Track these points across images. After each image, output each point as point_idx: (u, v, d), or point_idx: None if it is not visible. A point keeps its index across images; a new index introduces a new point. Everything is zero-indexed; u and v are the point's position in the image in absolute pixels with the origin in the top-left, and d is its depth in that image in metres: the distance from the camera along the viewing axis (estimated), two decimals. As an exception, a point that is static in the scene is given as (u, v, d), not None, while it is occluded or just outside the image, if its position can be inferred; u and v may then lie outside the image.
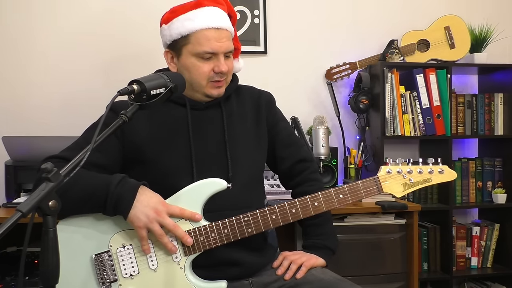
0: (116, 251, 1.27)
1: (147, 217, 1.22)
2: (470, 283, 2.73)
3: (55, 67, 2.51)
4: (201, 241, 1.27)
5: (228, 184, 1.30)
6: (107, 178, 1.26)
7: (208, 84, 1.40)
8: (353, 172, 2.55)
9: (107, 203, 1.23)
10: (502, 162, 2.70)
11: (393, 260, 2.13)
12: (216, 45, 1.37)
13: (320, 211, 1.33)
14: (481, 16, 2.78)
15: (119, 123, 1.10)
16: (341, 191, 1.33)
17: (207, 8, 1.40)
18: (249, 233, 1.30)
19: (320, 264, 1.43)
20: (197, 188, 1.30)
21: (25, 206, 0.87)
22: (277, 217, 1.31)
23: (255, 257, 1.40)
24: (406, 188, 1.34)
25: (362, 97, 2.54)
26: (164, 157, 1.37)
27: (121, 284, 1.26)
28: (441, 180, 1.36)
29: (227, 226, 1.29)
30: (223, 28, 1.39)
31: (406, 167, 1.35)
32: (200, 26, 1.36)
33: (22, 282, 0.97)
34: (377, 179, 1.34)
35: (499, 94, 2.68)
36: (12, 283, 1.95)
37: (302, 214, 1.32)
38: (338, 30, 2.74)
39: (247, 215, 1.30)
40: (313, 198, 1.32)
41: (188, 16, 1.39)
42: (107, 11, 2.55)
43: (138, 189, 1.24)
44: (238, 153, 1.42)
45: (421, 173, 1.35)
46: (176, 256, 1.27)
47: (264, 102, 1.52)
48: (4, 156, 2.17)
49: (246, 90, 1.54)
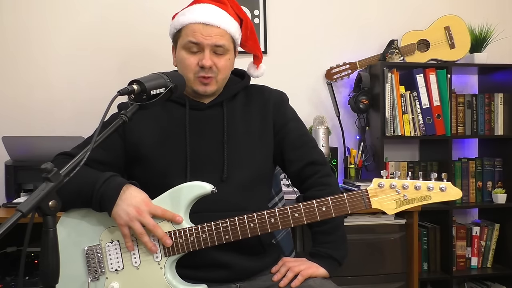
0: (105, 245, 1.30)
1: (128, 215, 1.23)
2: (470, 283, 2.73)
3: (55, 67, 2.51)
4: (180, 243, 1.27)
5: (213, 189, 1.28)
6: (95, 176, 1.28)
7: (195, 79, 1.40)
8: (353, 172, 2.55)
9: (92, 200, 1.26)
10: (502, 162, 2.70)
11: (393, 260, 2.13)
12: (200, 37, 1.38)
13: (301, 223, 1.27)
14: (481, 16, 2.78)
15: (119, 123, 1.11)
16: (324, 204, 1.25)
17: (201, 5, 1.43)
18: (226, 239, 1.27)
19: (321, 274, 1.36)
20: (182, 190, 1.30)
21: (25, 206, 0.88)
22: (255, 225, 1.27)
23: (247, 261, 1.38)
24: (399, 205, 1.22)
25: (362, 97, 2.54)
26: (160, 157, 1.38)
27: (107, 278, 1.29)
28: (442, 199, 1.22)
29: (205, 230, 1.27)
30: (213, 25, 1.38)
31: (401, 182, 1.22)
32: (189, 20, 1.40)
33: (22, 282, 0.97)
34: (365, 193, 1.24)
35: (499, 94, 2.68)
36: (12, 283, 1.95)
37: (281, 225, 1.27)
38: (338, 30, 2.74)
39: (225, 221, 1.27)
40: (293, 209, 1.27)
41: (183, 12, 1.44)
42: (108, 12, 2.55)
43: (122, 188, 1.26)
44: (237, 155, 1.41)
45: (419, 189, 1.21)
46: (157, 256, 1.28)
47: (272, 103, 1.49)
48: (4, 156, 2.18)
49: (257, 90, 1.52)
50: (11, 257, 2.08)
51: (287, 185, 2.21)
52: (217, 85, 1.43)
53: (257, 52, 1.56)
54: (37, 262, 2.03)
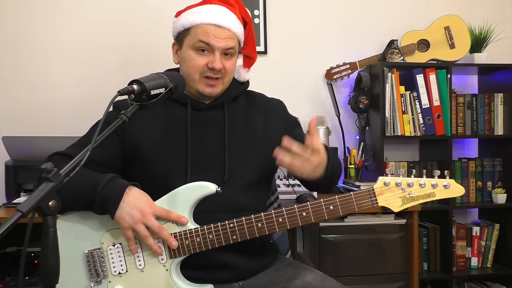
0: (107, 248, 1.28)
1: (132, 218, 1.22)
2: (470, 283, 2.73)
3: (56, 68, 2.51)
4: (186, 245, 1.26)
5: (218, 188, 1.27)
6: (96, 178, 1.26)
7: (200, 79, 1.39)
8: (353, 172, 2.55)
9: (94, 203, 1.24)
10: (502, 162, 2.70)
11: (393, 260, 2.13)
12: (212, 39, 1.37)
13: (309, 222, 1.27)
14: (481, 16, 2.78)
15: (119, 123, 1.10)
16: (331, 202, 1.26)
17: (213, 6, 1.42)
18: (234, 240, 1.26)
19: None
20: (186, 190, 1.29)
21: (25, 206, 0.87)
22: (262, 225, 1.26)
23: (249, 261, 1.38)
24: (405, 203, 1.24)
25: (362, 97, 2.54)
26: (160, 158, 1.37)
27: (110, 281, 1.28)
28: (445, 196, 1.25)
29: (212, 231, 1.26)
30: (225, 27, 1.38)
31: (406, 180, 1.24)
32: (200, 20, 1.38)
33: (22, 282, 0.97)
34: (372, 191, 1.25)
35: (499, 94, 2.68)
36: (12, 283, 1.95)
37: (289, 224, 1.27)
38: (338, 30, 2.74)
39: (232, 221, 1.27)
40: (301, 208, 1.26)
41: (192, 11, 1.42)
42: (110, 13, 2.55)
43: (125, 190, 1.24)
44: (239, 156, 1.41)
45: (423, 187, 1.24)
46: (162, 258, 1.27)
47: (276, 107, 1.52)
48: (4, 156, 2.18)
49: (258, 96, 1.54)
50: (11, 257, 2.08)
51: (286, 185, 2.21)
52: (223, 86, 1.43)
53: (253, 55, 1.55)
54: (37, 262, 2.03)
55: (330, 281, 1.36)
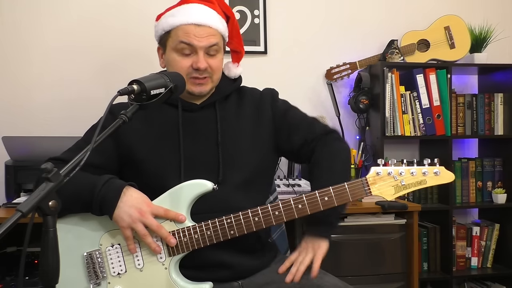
0: (106, 249, 1.29)
1: (130, 217, 1.23)
2: (470, 283, 2.73)
3: (56, 67, 2.51)
4: (184, 242, 1.27)
5: (214, 186, 1.28)
6: (94, 180, 1.26)
7: (188, 80, 1.38)
8: (353, 172, 2.54)
9: (93, 204, 1.24)
10: (502, 162, 2.70)
11: (393, 260, 2.13)
12: (193, 39, 1.36)
13: (305, 214, 1.27)
14: (481, 16, 2.78)
15: (119, 123, 1.10)
16: (326, 193, 1.27)
17: (191, 5, 1.41)
18: (231, 235, 1.27)
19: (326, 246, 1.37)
20: (183, 189, 1.29)
21: (25, 206, 0.87)
22: (259, 219, 1.27)
23: (247, 260, 1.38)
24: (398, 191, 1.27)
25: (362, 97, 2.54)
26: (154, 159, 1.37)
27: (109, 282, 1.28)
28: (436, 182, 1.27)
29: (210, 227, 1.27)
30: (205, 25, 1.37)
31: (397, 169, 1.26)
32: (180, 21, 1.38)
33: (22, 282, 0.97)
34: (365, 181, 1.27)
35: (499, 94, 2.68)
36: (12, 283, 1.95)
37: (285, 217, 1.27)
38: (338, 30, 2.74)
39: (229, 216, 1.27)
40: (296, 201, 1.27)
41: (172, 13, 1.42)
42: (108, 11, 2.55)
43: (123, 190, 1.25)
44: (232, 156, 1.40)
45: (414, 175, 1.26)
46: (161, 257, 1.28)
47: (265, 99, 1.49)
48: (4, 156, 2.17)
49: (249, 92, 1.53)
50: (11, 257, 2.08)
51: (286, 185, 2.21)
52: (212, 84, 1.43)
53: (241, 49, 1.54)
54: (37, 262, 2.03)
55: (329, 278, 1.36)
